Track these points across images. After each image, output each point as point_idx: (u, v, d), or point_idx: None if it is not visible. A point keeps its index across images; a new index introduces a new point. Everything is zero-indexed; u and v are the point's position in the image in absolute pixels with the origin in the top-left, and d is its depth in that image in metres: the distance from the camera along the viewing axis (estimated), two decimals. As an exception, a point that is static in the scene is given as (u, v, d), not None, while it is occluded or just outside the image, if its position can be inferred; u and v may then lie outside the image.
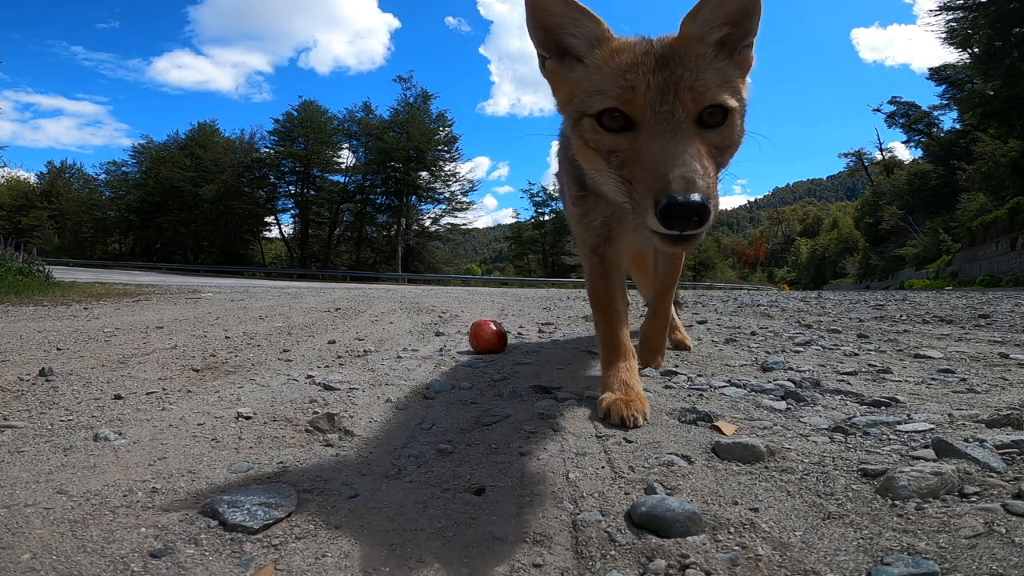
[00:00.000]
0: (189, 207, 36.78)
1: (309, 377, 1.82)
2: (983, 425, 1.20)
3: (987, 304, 6.32)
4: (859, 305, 6.93)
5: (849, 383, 1.72)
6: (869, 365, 2.06)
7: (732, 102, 1.05)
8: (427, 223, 38.12)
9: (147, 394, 1.54)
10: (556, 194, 40.10)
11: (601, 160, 1.08)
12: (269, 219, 39.65)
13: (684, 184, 0.87)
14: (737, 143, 1.13)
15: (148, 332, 2.98)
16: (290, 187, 38.34)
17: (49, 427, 1.21)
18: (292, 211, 38.99)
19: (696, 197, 0.86)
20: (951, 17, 27.75)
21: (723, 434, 1.17)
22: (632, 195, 0.98)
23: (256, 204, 37.95)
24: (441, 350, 2.56)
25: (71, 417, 1.29)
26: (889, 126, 41.86)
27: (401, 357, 2.33)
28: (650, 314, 2.04)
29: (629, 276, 2.68)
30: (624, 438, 1.18)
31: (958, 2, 27.08)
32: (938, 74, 34.92)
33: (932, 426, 1.19)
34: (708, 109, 1.03)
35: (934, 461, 0.97)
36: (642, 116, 1.01)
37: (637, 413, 1.27)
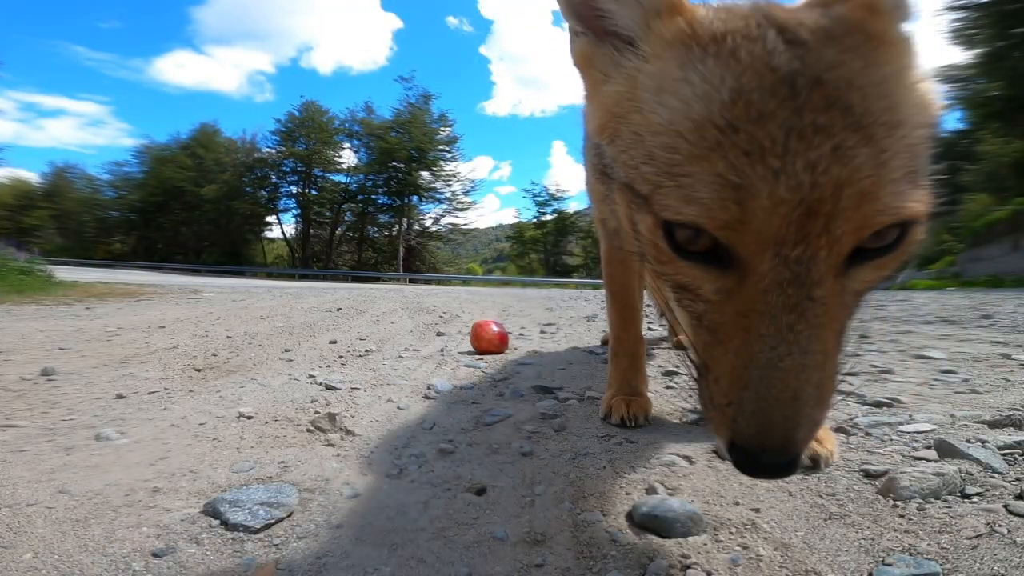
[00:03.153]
0: (191, 207, 36.84)
1: (311, 377, 1.82)
2: (985, 426, 1.20)
3: (990, 305, 6.31)
4: (861, 305, 6.91)
5: (851, 383, 1.71)
6: (871, 365, 2.05)
7: (927, 202, 0.52)
8: (428, 223, 38.18)
9: (149, 394, 1.54)
10: (558, 194, 40.17)
11: (661, 282, 0.61)
12: (271, 219, 39.73)
13: (780, 440, 0.49)
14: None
15: (150, 332, 2.98)
16: (292, 187, 38.42)
17: (51, 426, 1.22)
18: (294, 211, 39.08)
19: (791, 457, 0.50)
20: (954, 17, 27.76)
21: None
22: (701, 373, 0.58)
23: (258, 204, 37.98)
24: (442, 350, 2.56)
25: (73, 416, 1.30)
26: (891, 126, 41.75)
27: (402, 357, 2.33)
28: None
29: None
30: (625, 438, 1.17)
31: (961, 2, 27.07)
32: (940, 74, 34.87)
33: (934, 427, 1.19)
34: (882, 231, 0.50)
35: (936, 462, 0.97)
36: (754, 259, 0.50)
37: (638, 413, 1.27)
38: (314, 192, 38.02)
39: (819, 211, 0.47)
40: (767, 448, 0.50)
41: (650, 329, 3.44)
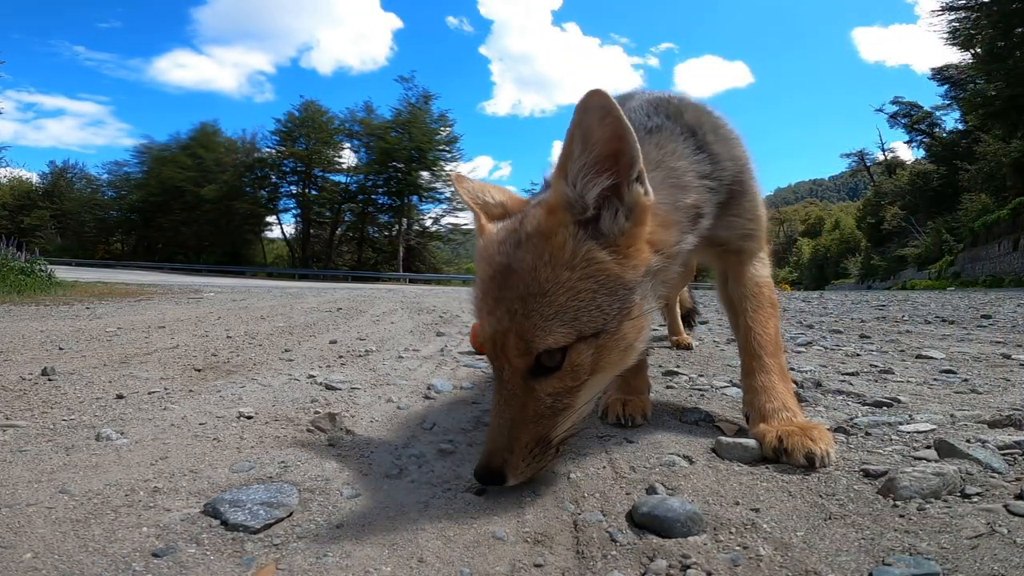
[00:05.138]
0: (191, 207, 36.80)
1: (311, 377, 1.82)
2: (985, 426, 1.20)
3: (989, 305, 6.31)
4: (861, 306, 6.92)
5: (851, 383, 1.72)
6: (871, 365, 2.06)
7: (568, 337, 0.85)
8: (428, 223, 38.18)
9: (149, 394, 1.54)
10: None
11: None
12: (271, 219, 39.75)
13: (484, 462, 0.88)
14: (601, 368, 0.90)
15: (150, 332, 2.98)
16: (292, 187, 38.42)
17: (51, 426, 1.21)
18: (294, 211, 39.09)
19: (492, 474, 0.87)
20: (953, 17, 27.74)
21: (724, 434, 1.17)
22: None
23: (258, 204, 37.98)
24: (442, 350, 2.56)
25: (73, 416, 1.30)
26: (891, 126, 41.76)
27: (402, 357, 2.33)
28: (751, 366, 1.22)
29: None
30: (625, 438, 1.17)
31: (960, 2, 27.05)
32: (940, 74, 34.84)
33: (934, 427, 1.19)
34: (545, 354, 0.87)
35: (936, 462, 0.97)
36: (490, 361, 0.95)
37: (635, 412, 1.27)
38: (314, 192, 37.99)
39: (499, 343, 0.88)
40: (482, 465, 0.89)
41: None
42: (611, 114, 0.82)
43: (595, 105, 0.81)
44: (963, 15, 27.29)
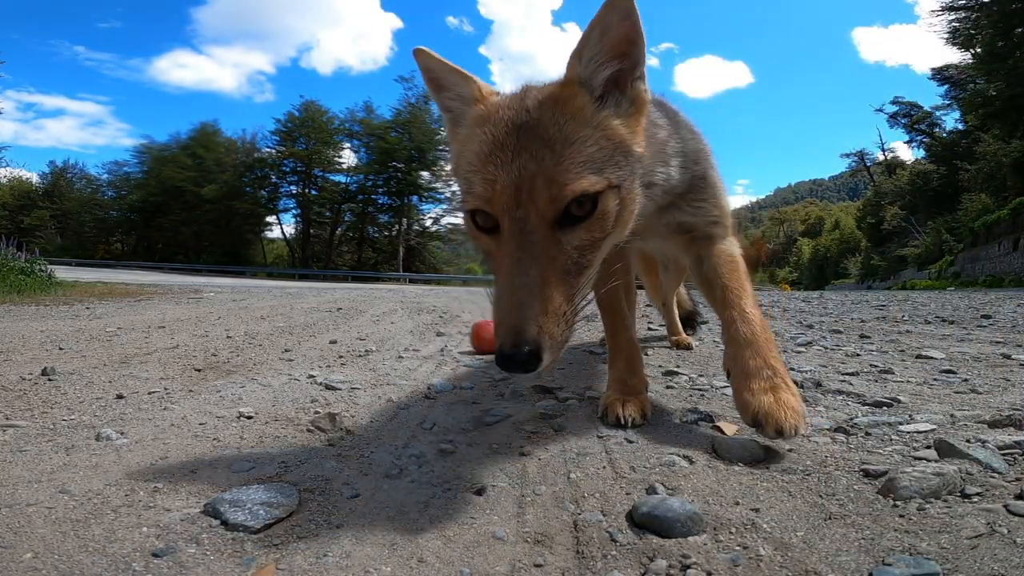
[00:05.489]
0: (191, 207, 36.79)
1: (311, 377, 1.82)
2: (985, 426, 1.20)
3: (989, 305, 6.31)
4: (861, 305, 6.92)
5: (851, 383, 1.71)
6: (871, 365, 2.05)
7: (600, 183, 0.87)
8: (428, 223, 38.21)
9: (149, 394, 1.54)
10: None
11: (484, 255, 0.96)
12: (271, 219, 39.76)
13: (512, 337, 0.79)
14: (619, 224, 0.94)
15: (150, 332, 2.98)
16: (292, 187, 38.43)
17: (51, 426, 1.22)
18: (294, 211, 39.12)
19: (525, 349, 0.78)
20: (953, 17, 27.78)
21: (724, 434, 1.17)
22: (494, 293, 0.88)
23: (258, 204, 37.98)
24: (442, 350, 2.56)
25: (73, 416, 1.30)
26: (891, 126, 41.73)
27: (402, 357, 2.33)
28: (733, 337, 1.19)
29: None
30: (625, 438, 1.17)
31: (960, 2, 27.08)
32: (940, 74, 34.84)
33: (934, 427, 1.19)
34: (574, 202, 0.86)
35: (936, 462, 0.97)
36: (502, 220, 0.87)
37: (633, 412, 1.28)
38: (314, 192, 37.98)
39: (524, 188, 0.85)
40: (509, 345, 0.79)
41: (650, 329, 3.44)
42: (630, 18, 0.91)
43: (620, 6, 0.90)
44: (963, 15, 27.33)
